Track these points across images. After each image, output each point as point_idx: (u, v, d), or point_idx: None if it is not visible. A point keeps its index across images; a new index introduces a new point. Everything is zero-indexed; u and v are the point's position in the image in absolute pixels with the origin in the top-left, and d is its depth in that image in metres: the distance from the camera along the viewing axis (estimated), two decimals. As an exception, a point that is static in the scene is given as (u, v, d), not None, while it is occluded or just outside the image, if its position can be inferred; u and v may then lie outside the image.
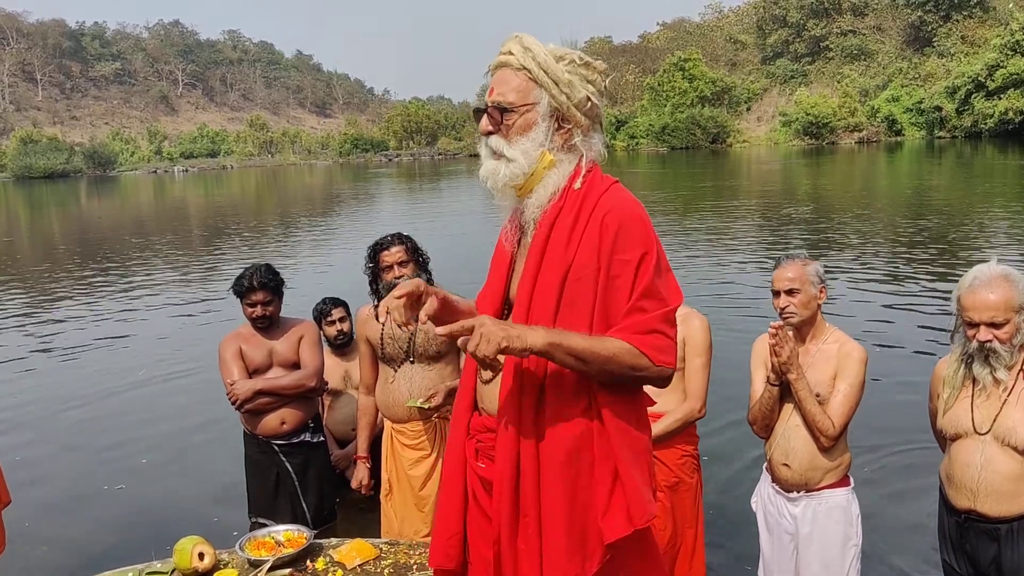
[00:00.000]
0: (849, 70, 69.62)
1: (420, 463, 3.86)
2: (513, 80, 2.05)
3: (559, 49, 2.06)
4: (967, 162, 34.73)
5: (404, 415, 3.84)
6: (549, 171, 2.08)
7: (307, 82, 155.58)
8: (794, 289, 3.10)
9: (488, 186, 2.11)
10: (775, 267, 3.20)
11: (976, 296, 2.68)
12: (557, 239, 2.05)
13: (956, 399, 2.85)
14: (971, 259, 12.36)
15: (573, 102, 2.05)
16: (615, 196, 2.06)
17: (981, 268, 2.74)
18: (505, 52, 2.07)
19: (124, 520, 5.17)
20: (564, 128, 2.08)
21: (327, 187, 46.14)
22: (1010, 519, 2.76)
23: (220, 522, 4.93)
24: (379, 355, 3.90)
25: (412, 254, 3.83)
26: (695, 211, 21.64)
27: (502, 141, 2.07)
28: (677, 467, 3.52)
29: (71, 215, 34.88)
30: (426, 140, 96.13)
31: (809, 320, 3.14)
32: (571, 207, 2.06)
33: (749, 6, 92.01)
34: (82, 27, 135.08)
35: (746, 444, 5.43)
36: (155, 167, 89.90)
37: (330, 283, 12.02)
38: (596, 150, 2.12)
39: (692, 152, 60.32)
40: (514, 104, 2.05)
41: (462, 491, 2.21)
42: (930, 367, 3.12)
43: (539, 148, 2.06)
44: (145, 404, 7.41)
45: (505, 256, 2.21)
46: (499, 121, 2.07)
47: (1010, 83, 51.21)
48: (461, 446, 2.23)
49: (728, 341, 7.84)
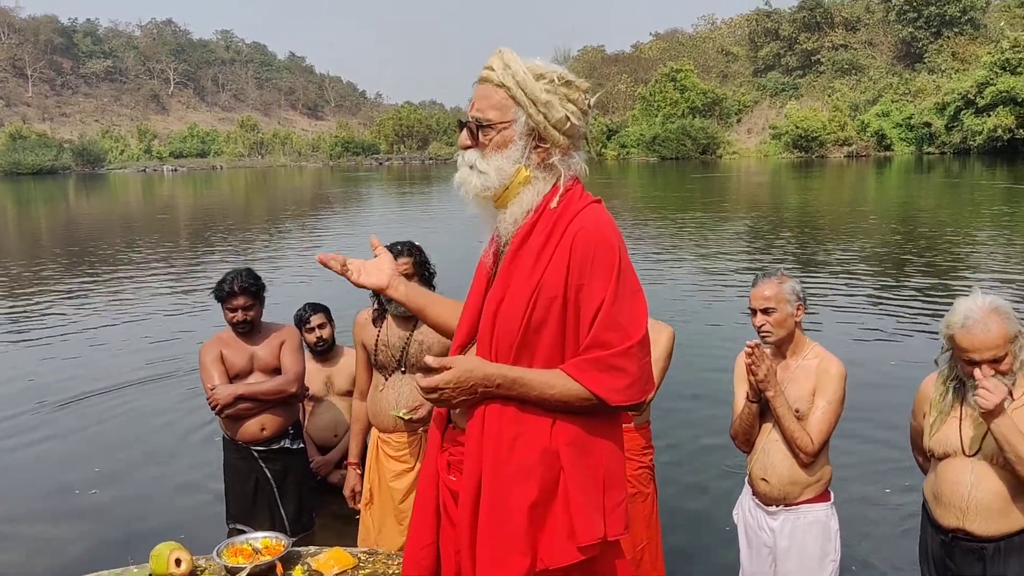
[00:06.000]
0: (840, 84, 69.95)
1: (402, 476, 3.84)
2: (493, 96, 2.05)
3: (540, 67, 2.05)
4: (954, 180, 34.93)
5: (390, 425, 3.83)
6: (524, 187, 2.07)
7: (299, 84, 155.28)
8: (770, 308, 3.11)
9: (460, 193, 2.12)
10: (752, 285, 3.21)
11: (974, 337, 2.67)
12: (525, 259, 2.04)
13: (944, 421, 2.86)
14: (956, 277, 12.43)
15: (551, 122, 2.04)
16: (588, 218, 2.04)
17: (969, 305, 2.72)
18: (488, 67, 2.07)
19: (100, 525, 5.12)
20: (542, 147, 2.07)
21: (316, 189, 46.05)
22: (997, 538, 2.77)
23: (197, 528, 4.88)
24: (372, 361, 3.89)
25: (418, 267, 3.77)
26: (681, 223, 21.69)
27: (477, 155, 2.08)
28: (634, 478, 3.56)
29: (58, 212, 34.71)
30: (417, 144, 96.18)
31: (787, 337, 3.15)
32: (544, 226, 2.05)
33: (742, 18, 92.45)
34: (74, 24, 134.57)
35: (731, 457, 5.43)
36: (144, 165, 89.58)
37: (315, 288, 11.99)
38: (575, 169, 2.12)
39: (682, 162, 60.47)
40: (492, 121, 2.05)
41: (435, 502, 2.21)
42: (913, 381, 3.13)
43: (514, 165, 2.06)
44: (123, 406, 7.34)
45: (484, 272, 2.21)
46: (477, 136, 2.07)
47: (999, 101, 51.55)
48: (435, 458, 2.23)
49: (713, 355, 7.89)
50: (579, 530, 2.00)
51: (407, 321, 3.81)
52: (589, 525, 2.00)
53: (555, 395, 1.98)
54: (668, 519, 4.33)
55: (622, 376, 1.99)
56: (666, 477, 5.07)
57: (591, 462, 2.04)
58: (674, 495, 5.14)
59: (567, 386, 1.98)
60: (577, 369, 1.98)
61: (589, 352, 1.99)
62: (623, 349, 1.98)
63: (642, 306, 2.06)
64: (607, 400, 1.98)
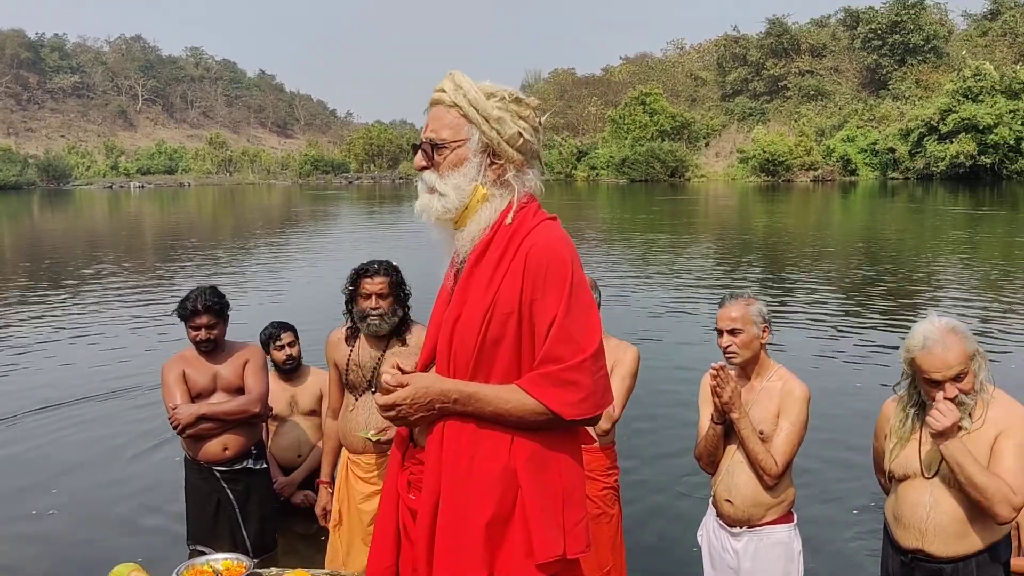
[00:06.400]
0: (806, 110, 70.83)
1: (371, 499, 3.79)
2: (446, 117, 2.09)
3: (491, 86, 2.10)
4: (918, 205, 35.47)
5: (360, 446, 3.80)
6: (482, 205, 2.10)
7: (269, 102, 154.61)
8: (736, 329, 3.14)
9: (423, 219, 2.15)
10: (719, 306, 3.23)
11: (934, 357, 2.71)
12: (481, 276, 2.07)
13: (904, 446, 2.89)
14: (918, 300, 12.60)
15: (504, 138, 2.08)
16: (541, 234, 2.07)
17: (927, 327, 2.76)
18: (439, 89, 2.11)
19: (58, 546, 5.01)
20: (496, 164, 2.11)
21: (284, 207, 45.86)
22: (956, 559, 2.80)
23: (157, 549, 4.80)
24: (343, 381, 3.86)
25: (394, 288, 3.72)
26: (648, 244, 21.83)
27: (435, 176, 2.11)
28: (599, 499, 3.58)
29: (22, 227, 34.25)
30: (388, 164, 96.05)
31: (752, 359, 3.18)
32: (500, 242, 2.08)
33: (710, 44, 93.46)
34: (42, 38, 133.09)
35: (696, 476, 5.45)
36: (111, 182, 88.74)
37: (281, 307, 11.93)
38: (530, 185, 2.15)
39: (651, 185, 60.89)
40: (446, 140, 2.08)
41: (395, 523, 2.21)
42: (876, 403, 3.16)
43: (471, 183, 2.09)
44: (83, 425, 7.22)
45: (445, 292, 2.23)
46: (432, 157, 2.10)
47: (961, 127, 52.46)
48: (395, 479, 2.23)
49: (678, 375, 7.93)
50: (538, 548, 2.01)
51: (379, 341, 3.78)
52: (548, 543, 2.01)
53: (511, 410, 2.00)
54: (633, 540, 4.34)
55: (576, 390, 2.01)
56: (631, 498, 5.08)
57: (549, 478, 2.05)
58: (639, 516, 5.14)
59: (522, 401, 2.00)
60: (531, 384, 2.00)
61: (543, 367, 2.01)
62: (576, 363, 2.00)
63: (595, 320, 2.09)
64: (562, 414, 2.00)
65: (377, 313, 3.67)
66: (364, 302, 3.68)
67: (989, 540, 2.80)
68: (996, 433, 2.73)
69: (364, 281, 3.69)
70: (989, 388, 2.79)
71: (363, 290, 3.69)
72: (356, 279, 3.73)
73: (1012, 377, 7.43)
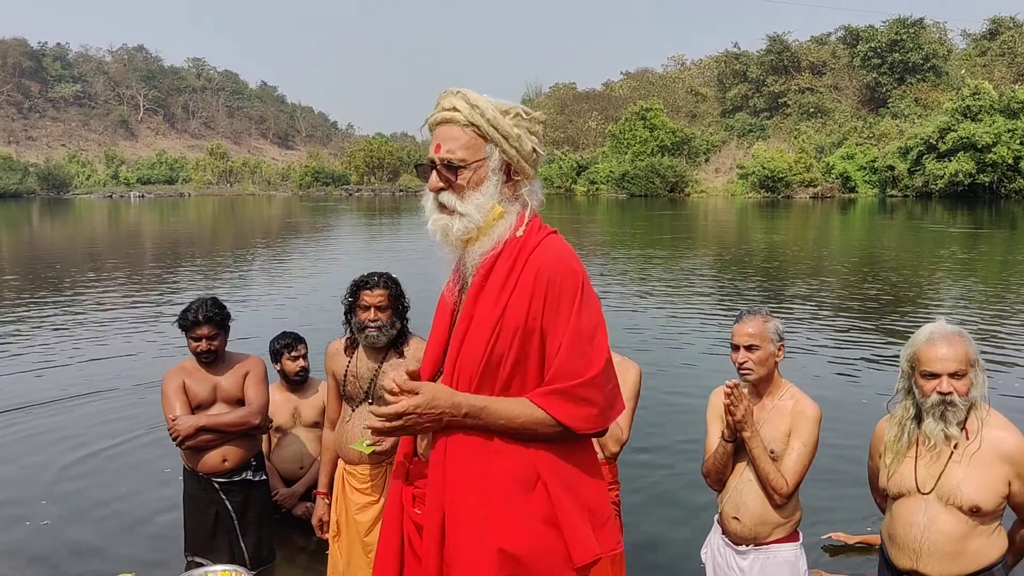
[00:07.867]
0: (806, 127, 70.98)
1: (367, 509, 3.79)
2: (461, 136, 2.07)
3: (502, 103, 2.11)
4: (916, 223, 35.53)
5: (355, 457, 3.78)
6: (498, 222, 2.10)
7: (270, 113, 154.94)
8: (753, 345, 3.12)
9: (439, 240, 2.13)
10: (736, 321, 3.22)
11: (937, 349, 2.73)
12: (490, 290, 2.07)
13: (900, 462, 2.87)
14: (921, 317, 12.58)
15: (522, 154, 2.09)
16: (549, 249, 2.08)
17: (934, 326, 2.79)
18: (449, 108, 2.09)
19: (54, 557, 4.96)
20: (512, 180, 2.11)
21: (284, 218, 45.86)
22: None
23: (155, 560, 4.76)
24: (340, 391, 3.85)
25: (393, 300, 3.73)
26: (649, 259, 21.83)
27: (454, 197, 2.09)
28: None
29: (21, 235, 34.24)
30: (388, 176, 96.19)
31: (766, 376, 3.16)
32: (507, 256, 2.08)
33: (711, 60, 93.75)
34: (44, 48, 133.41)
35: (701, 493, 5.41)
36: (111, 191, 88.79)
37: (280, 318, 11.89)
38: (538, 198, 2.17)
39: (651, 200, 60.95)
40: (465, 160, 2.07)
41: (399, 537, 2.20)
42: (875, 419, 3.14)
43: (491, 201, 2.08)
44: (82, 434, 7.17)
45: (447, 307, 2.22)
46: (449, 177, 2.08)
47: (960, 146, 52.55)
48: (399, 493, 2.22)
49: (681, 392, 7.89)
50: (575, 552, 2.04)
51: (377, 352, 3.77)
52: (583, 546, 2.05)
53: (522, 423, 2.01)
54: (634, 557, 4.30)
55: (587, 404, 2.03)
56: (633, 514, 5.05)
57: (574, 484, 2.07)
58: (641, 532, 5.10)
59: (533, 414, 2.01)
60: (544, 398, 2.01)
61: (556, 382, 2.02)
62: (589, 379, 2.02)
63: (604, 335, 2.10)
64: (574, 428, 2.02)
65: (375, 325, 3.68)
66: (363, 314, 3.70)
67: (984, 561, 2.78)
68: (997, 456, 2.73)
69: (363, 293, 3.71)
70: (984, 406, 2.79)
71: (362, 302, 3.70)
72: (355, 291, 3.74)
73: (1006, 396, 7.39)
